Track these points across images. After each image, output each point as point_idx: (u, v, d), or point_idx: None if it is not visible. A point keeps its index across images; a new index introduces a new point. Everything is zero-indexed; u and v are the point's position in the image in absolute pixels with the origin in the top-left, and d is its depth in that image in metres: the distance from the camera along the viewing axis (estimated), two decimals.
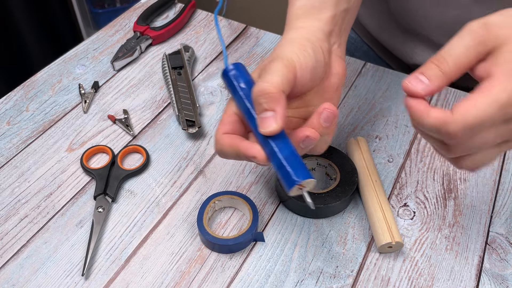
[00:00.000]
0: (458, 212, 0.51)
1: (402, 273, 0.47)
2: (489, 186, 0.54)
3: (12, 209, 0.52)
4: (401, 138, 0.59)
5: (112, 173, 0.54)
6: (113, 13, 1.59)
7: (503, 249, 0.48)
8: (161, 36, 0.73)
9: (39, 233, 0.50)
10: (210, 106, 0.63)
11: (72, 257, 0.48)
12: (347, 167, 0.52)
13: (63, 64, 0.69)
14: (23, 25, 1.47)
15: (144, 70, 0.69)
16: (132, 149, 0.57)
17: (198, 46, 0.73)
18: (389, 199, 0.52)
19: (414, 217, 0.51)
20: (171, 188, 0.54)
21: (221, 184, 0.54)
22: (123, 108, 0.63)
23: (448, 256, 0.48)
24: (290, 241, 0.49)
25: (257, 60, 0.70)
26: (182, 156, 0.57)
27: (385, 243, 0.46)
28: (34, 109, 0.62)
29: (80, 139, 0.59)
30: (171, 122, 0.61)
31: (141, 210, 0.52)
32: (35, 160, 0.56)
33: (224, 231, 0.50)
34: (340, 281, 0.46)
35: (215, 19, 0.48)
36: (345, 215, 0.51)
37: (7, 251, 0.48)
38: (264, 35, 0.74)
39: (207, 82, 0.67)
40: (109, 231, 0.50)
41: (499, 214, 0.51)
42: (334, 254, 0.48)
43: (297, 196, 0.49)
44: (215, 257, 0.48)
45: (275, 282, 0.46)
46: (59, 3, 1.56)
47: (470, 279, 0.46)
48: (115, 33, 0.74)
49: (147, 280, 0.46)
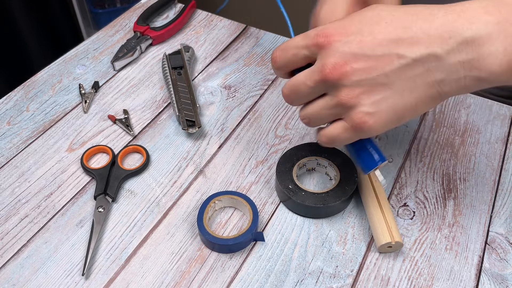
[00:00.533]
0: (457, 212, 0.51)
1: (402, 273, 0.47)
2: (488, 186, 0.54)
3: (13, 209, 0.52)
4: (401, 138, 0.59)
5: (112, 173, 0.54)
6: (113, 13, 1.59)
7: (503, 249, 0.48)
8: (161, 36, 0.73)
9: (39, 233, 0.50)
10: (210, 106, 0.63)
11: (72, 257, 0.48)
12: (347, 167, 0.52)
13: (64, 64, 0.69)
14: (24, 25, 1.47)
15: (144, 70, 0.69)
16: (132, 149, 0.58)
17: (198, 46, 0.73)
18: (389, 199, 0.52)
19: (414, 217, 0.51)
20: (171, 188, 0.54)
21: (221, 184, 0.54)
22: (123, 108, 0.63)
23: (447, 256, 0.48)
24: (290, 241, 0.49)
25: (257, 60, 0.70)
26: (182, 156, 0.57)
27: (385, 243, 0.46)
28: (35, 109, 0.62)
29: (81, 139, 0.59)
30: (171, 122, 0.61)
31: (141, 210, 0.52)
32: (35, 160, 0.57)
33: (224, 231, 0.50)
34: (340, 281, 0.46)
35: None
36: (345, 215, 0.51)
37: (7, 251, 0.48)
38: (264, 35, 0.74)
39: (207, 82, 0.67)
40: (109, 231, 0.50)
41: (499, 214, 0.51)
42: (334, 254, 0.48)
43: (296, 196, 0.49)
44: (215, 257, 0.48)
45: (275, 281, 0.46)
46: (59, 3, 1.56)
47: (470, 279, 0.46)
48: (115, 33, 0.75)
49: (147, 280, 0.46)
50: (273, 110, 0.62)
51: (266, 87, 0.66)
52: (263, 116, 0.62)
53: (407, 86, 0.38)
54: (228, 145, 0.58)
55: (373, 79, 0.38)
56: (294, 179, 0.51)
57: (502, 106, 0.62)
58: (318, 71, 0.39)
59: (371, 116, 0.39)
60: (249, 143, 0.58)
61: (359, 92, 0.38)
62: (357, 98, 0.38)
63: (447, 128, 0.60)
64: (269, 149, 0.58)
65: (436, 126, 0.60)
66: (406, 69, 0.37)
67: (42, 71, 0.68)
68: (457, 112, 0.62)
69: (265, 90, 0.65)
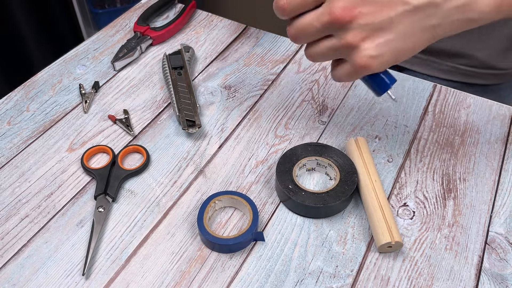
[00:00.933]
0: (457, 212, 0.51)
1: (402, 272, 0.47)
2: (488, 186, 0.54)
3: (13, 209, 0.52)
4: (400, 138, 0.59)
5: (112, 173, 0.54)
6: (113, 13, 1.60)
7: (503, 249, 0.48)
8: (161, 36, 0.73)
9: (39, 233, 0.50)
10: (210, 106, 0.64)
11: (72, 257, 0.48)
12: (347, 167, 0.52)
13: (64, 64, 0.69)
14: (24, 25, 1.47)
15: (145, 70, 0.69)
16: (133, 149, 0.58)
17: (198, 46, 0.73)
18: (388, 199, 0.53)
19: (413, 217, 0.51)
20: (171, 188, 0.54)
21: (221, 184, 0.54)
22: (123, 108, 0.63)
23: (447, 256, 0.48)
24: (290, 241, 0.49)
25: (257, 60, 0.70)
26: (182, 156, 0.57)
27: (385, 243, 0.46)
28: (35, 109, 0.63)
29: (81, 139, 0.59)
30: (171, 122, 0.61)
31: (142, 210, 0.52)
32: (35, 160, 0.57)
33: (224, 231, 0.50)
34: (340, 281, 0.46)
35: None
36: (345, 215, 0.51)
37: (7, 250, 0.48)
38: (264, 35, 0.74)
39: (207, 82, 0.67)
40: (109, 231, 0.50)
41: (499, 214, 0.51)
42: (334, 253, 0.48)
43: (297, 196, 0.49)
44: (215, 256, 0.48)
45: (275, 281, 0.46)
46: (59, 3, 1.56)
47: (470, 279, 0.46)
48: (115, 33, 0.75)
49: (148, 280, 0.46)
50: (273, 110, 0.63)
51: (266, 87, 0.66)
52: (263, 116, 0.62)
53: (407, 30, 0.41)
54: (228, 145, 0.58)
55: (379, 23, 0.41)
56: (294, 179, 0.51)
57: (502, 106, 0.62)
58: (327, 14, 0.41)
59: (374, 58, 0.42)
60: (249, 143, 0.58)
61: (365, 35, 0.41)
62: (363, 41, 0.42)
63: (447, 128, 0.60)
64: (269, 149, 0.58)
65: (436, 126, 0.60)
66: (408, 14, 0.41)
67: (42, 71, 0.68)
68: (457, 112, 0.62)
69: (265, 90, 0.65)
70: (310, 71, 0.68)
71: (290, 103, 0.63)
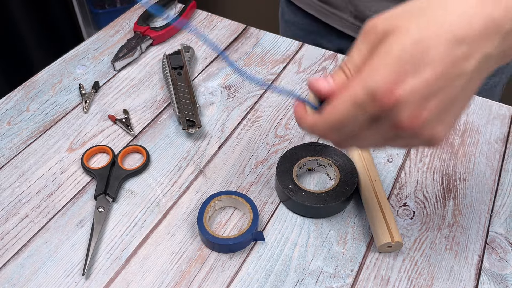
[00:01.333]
0: (457, 212, 0.51)
1: (402, 272, 0.47)
2: (488, 186, 0.54)
3: (13, 209, 0.52)
4: None
5: (112, 173, 0.54)
6: (113, 13, 1.59)
7: (503, 249, 0.48)
8: (161, 36, 0.73)
9: (39, 233, 0.50)
10: (210, 106, 0.64)
11: (72, 257, 0.48)
12: (347, 167, 0.52)
13: (64, 64, 0.69)
14: (24, 26, 1.47)
15: (145, 70, 0.69)
16: (133, 149, 0.58)
17: (198, 46, 0.73)
18: (388, 199, 0.53)
19: (413, 217, 0.51)
20: (172, 188, 0.54)
21: (221, 184, 0.54)
22: (123, 108, 0.63)
23: (447, 256, 0.48)
24: (290, 241, 0.49)
25: (257, 60, 0.70)
26: (182, 156, 0.57)
27: (385, 243, 0.46)
28: (35, 109, 0.63)
29: (81, 139, 0.59)
30: (171, 122, 0.61)
31: (142, 210, 0.52)
32: (35, 160, 0.57)
33: (224, 230, 0.50)
34: (340, 281, 0.46)
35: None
36: (345, 215, 0.51)
37: (7, 250, 0.48)
38: (264, 35, 0.74)
39: (207, 82, 0.67)
40: (109, 230, 0.50)
41: (499, 214, 0.51)
42: (334, 253, 0.48)
43: (297, 196, 0.49)
44: (215, 256, 0.48)
45: (275, 281, 0.46)
46: (59, 4, 1.56)
47: (470, 279, 0.46)
48: (115, 33, 0.75)
49: (148, 280, 0.46)
50: (273, 110, 0.63)
51: (266, 87, 0.66)
52: (263, 116, 0.62)
53: (467, 94, 0.38)
54: (228, 145, 0.58)
55: (444, 110, 0.37)
56: (294, 179, 0.51)
57: (502, 106, 0.62)
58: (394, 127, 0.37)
59: (444, 136, 0.39)
60: (249, 143, 0.58)
61: (435, 125, 0.38)
62: (434, 130, 0.38)
63: None
64: (269, 149, 0.58)
65: None
66: (468, 84, 0.37)
67: (42, 71, 0.68)
68: None
69: (265, 90, 0.65)
70: (310, 71, 0.68)
71: (290, 103, 0.63)
